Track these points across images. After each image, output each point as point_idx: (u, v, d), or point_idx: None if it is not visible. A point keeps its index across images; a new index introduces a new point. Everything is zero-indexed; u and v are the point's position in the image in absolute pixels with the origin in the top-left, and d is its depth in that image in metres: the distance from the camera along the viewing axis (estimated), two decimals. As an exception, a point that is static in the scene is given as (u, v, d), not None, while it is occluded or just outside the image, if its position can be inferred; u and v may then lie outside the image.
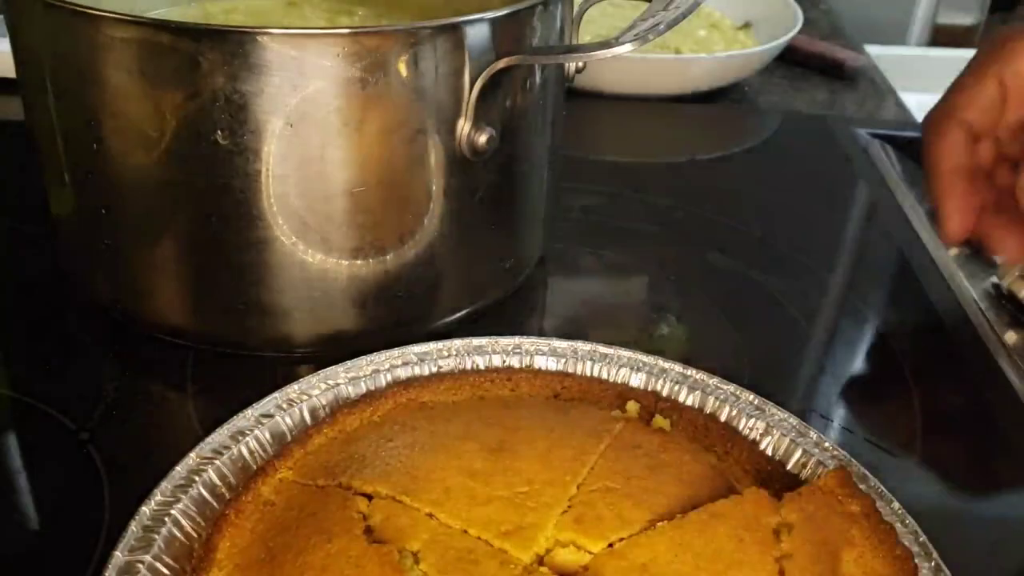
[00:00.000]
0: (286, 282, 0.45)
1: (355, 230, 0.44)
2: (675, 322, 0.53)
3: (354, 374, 0.42)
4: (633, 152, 0.75)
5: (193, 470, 0.36)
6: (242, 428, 0.38)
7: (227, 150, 0.41)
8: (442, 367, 0.42)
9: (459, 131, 0.44)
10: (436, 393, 0.41)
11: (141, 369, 0.48)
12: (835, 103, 0.86)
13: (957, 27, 1.59)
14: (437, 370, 0.42)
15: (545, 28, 0.47)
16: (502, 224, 0.50)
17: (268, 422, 0.39)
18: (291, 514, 0.34)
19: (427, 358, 0.43)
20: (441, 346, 0.43)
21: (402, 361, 0.42)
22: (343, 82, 0.41)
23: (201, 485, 0.35)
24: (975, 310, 0.55)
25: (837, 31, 1.05)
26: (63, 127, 0.45)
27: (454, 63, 0.43)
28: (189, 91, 0.40)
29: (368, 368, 0.42)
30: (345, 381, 0.41)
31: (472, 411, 0.39)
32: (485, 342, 0.43)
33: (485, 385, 0.41)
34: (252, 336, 0.47)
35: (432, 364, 0.42)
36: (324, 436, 0.38)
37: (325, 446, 0.37)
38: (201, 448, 0.37)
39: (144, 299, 0.48)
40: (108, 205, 0.45)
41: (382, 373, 0.42)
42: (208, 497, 0.35)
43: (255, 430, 0.38)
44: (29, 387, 0.46)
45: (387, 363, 0.42)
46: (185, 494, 0.35)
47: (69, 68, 0.43)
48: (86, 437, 0.43)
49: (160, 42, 0.40)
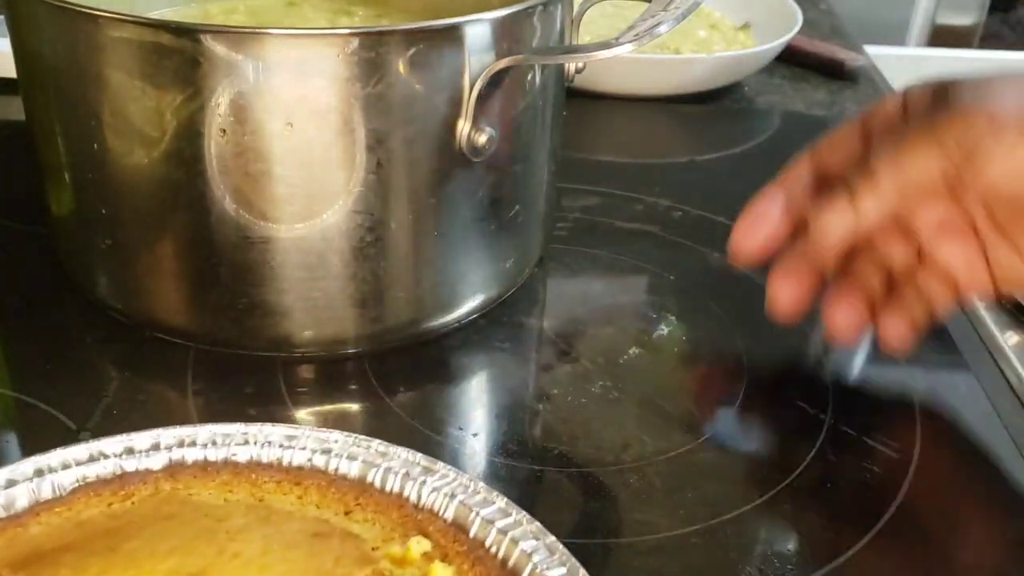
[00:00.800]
0: (286, 282, 0.45)
1: (355, 230, 0.44)
2: (675, 322, 0.53)
3: (128, 447, 0.36)
4: (633, 152, 0.75)
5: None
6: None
7: (228, 150, 0.41)
8: (235, 456, 0.36)
9: (459, 131, 0.44)
10: (207, 487, 0.35)
11: (141, 368, 0.48)
12: (835, 103, 0.86)
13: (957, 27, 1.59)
14: (225, 459, 0.36)
15: (545, 28, 0.47)
16: (502, 224, 0.50)
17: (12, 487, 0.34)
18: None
19: (228, 442, 0.36)
20: (246, 430, 0.37)
21: (194, 440, 0.36)
22: (343, 82, 0.41)
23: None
24: (975, 310, 0.55)
25: (837, 31, 1.05)
26: (63, 127, 0.45)
27: (454, 63, 0.43)
28: (189, 91, 0.40)
29: (147, 443, 0.36)
30: (118, 453, 0.35)
31: (223, 519, 0.34)
32: (298, 432, 0.37)
33: (268, 486, 0.35)
34: (253, 336, 0.47)
35: (226, 450, 0.36)
36: (55, 516, 0.33)
37: (50, 528, 0.33)
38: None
39: (144, 298, 0.48)
40: (108, 205, 0.45)
41: (161, 451, 0.36)
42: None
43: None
44: (29, 386, 0.46)
45: (173, 439, 0.36)
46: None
47: (69, 68, 0.43)
48: (87, 437, 0.43)
49: (160, 42, 0.40)
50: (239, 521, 0.34)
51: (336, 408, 0.47)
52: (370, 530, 0.34)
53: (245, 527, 0.33)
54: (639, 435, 0.46)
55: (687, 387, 0.50)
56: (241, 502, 0.35)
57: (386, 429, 0.46)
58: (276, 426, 0.37)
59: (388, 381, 0.48)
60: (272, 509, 0.35)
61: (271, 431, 0.37)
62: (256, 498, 0.35)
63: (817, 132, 0.45)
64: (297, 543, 0.33)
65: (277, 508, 0.35)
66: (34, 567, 0.32)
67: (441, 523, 0.34)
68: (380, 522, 0.34)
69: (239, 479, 0.36)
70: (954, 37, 1.56)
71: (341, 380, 0.49)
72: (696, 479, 0.43)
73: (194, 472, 0.36)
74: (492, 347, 0.51)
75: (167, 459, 0.36)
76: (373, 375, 0.48)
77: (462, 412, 0.48)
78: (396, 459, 0.36)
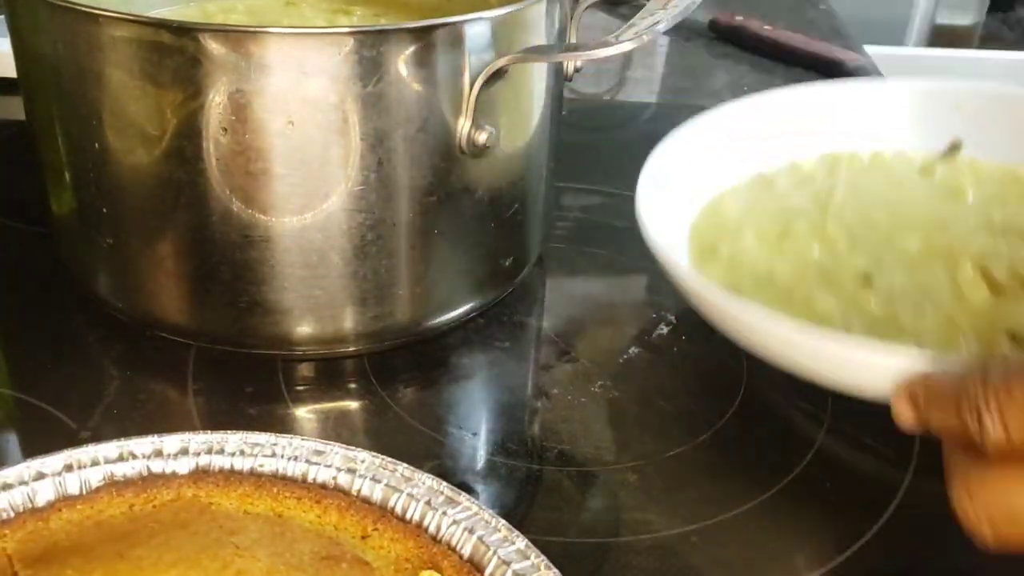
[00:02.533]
0: (287, 280, 0.45)
1: (355, 228, 0.44)
2: (674, 322, 0.53)
3: (157, 448, 0.36)
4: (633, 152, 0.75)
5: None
6: (8, 480, 0.34)
7: (228, 149, 0.41)
8: (262, 467, 0.36)
9: (459, 130, 0.44)
10: (228, 497, 0.35)
11: (142, 367, 0.48)
12: (834, 103, 0.86)
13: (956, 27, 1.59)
14: (251, 469, 0.36)
15: (544, 27, 0.47)
16: (501, 223, 0.50)
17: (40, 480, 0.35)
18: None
19: (255, 452, 0.36)
20: (275, 441, 0.37)
21: (223, 448, 0.37)
22: (343, 81, 0.41)
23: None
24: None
25: (836, 31, 1.05)
26: (64, 126, 0.45)
27: (454, 62, 0.43)
28: (190, 90, 0.40)
29: (176, 446, 0.36)
30: (147, 454, 0.36)
31: (235, 531, 0.34)
32: (326, 448, 0.37)
33: (288, 502, 0.35)
34: (253, 334, 0.47)
35: (252, 460, 0.36)
36: (77, 512, 0.34)
37: (70, 525, 0.33)
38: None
39: (145, 297, 0.48)
40: (109, 204, 0.45)
41: (189, 456, 0.36)
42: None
43: (16, 487, 0.34)
44: (29, 386, 0.46)
45: (202, 445, 0.36)
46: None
47: (69, 67, 0.43)
48: (87, 436, 0.43)
49: (161, 41, 0.40)
50: (252, 536, 0.34)
51: (336, 407, 0.47)
52: (383, 558, 0.34)
53: (256, 543, 0.33)
54: (639, 435, 0.46)
55: (687, 387, 0.50)
56: (259, 515, 0.35)
57: (386, 428, 0.46)
58: (305, 440, 0.37)
59: (388, 380, 0.48)
60: (288, 525, 0.34)
61: (300, 444, 0.37)
62: (275, 513, 0.35)
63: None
64: (304, 565, 0.33)
65: (294, 525, 0.34)
66: (41, 565, 0.32)
67: (456, 559, 0.34)
68: (395, 551, 0.34)
69: (260, 492, 0.35)
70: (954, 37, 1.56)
71: (341, 379, 0.49)
72: (696, 478, 0.43)
73: (217, 480, 0.36)
74: (492, 346, 0.51)
75: (194, 464, 0.36)
76: (373, 374, 0.49)
77: (462, 411, 0.48)
78: (420, 486, 0.35)
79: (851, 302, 0.46)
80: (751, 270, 0.49)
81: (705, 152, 0.55)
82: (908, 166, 0.58)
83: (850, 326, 0.45)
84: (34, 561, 0.32)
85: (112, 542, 0.33)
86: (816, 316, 0.45)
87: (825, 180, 0.57)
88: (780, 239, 0.51)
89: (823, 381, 0.41)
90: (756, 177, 0.57)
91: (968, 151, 0.57)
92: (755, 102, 0.58)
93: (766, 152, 0.57)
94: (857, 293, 0.47)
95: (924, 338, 0.44)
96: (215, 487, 0.35)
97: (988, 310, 0.46)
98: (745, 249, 0.51)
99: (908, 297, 0.46)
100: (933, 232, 0.51)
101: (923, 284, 0.47)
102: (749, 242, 0.51)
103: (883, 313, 0.46)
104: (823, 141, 0.59)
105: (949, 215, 0.53)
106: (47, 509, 0.34)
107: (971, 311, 0.45)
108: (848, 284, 0.48)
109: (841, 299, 0.46)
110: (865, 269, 0.48)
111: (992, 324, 0.44)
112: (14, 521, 0.33)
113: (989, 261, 0.48)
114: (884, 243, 0.50)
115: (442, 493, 0.35)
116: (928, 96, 0.59)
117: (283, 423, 0.46)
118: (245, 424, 0.44)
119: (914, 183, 0.57)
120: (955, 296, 0.46)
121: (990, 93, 0.58)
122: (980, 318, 0.45)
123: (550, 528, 0.35)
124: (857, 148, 0.59)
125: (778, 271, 0.49)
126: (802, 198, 0.55)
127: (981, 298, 0.46)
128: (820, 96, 0.59)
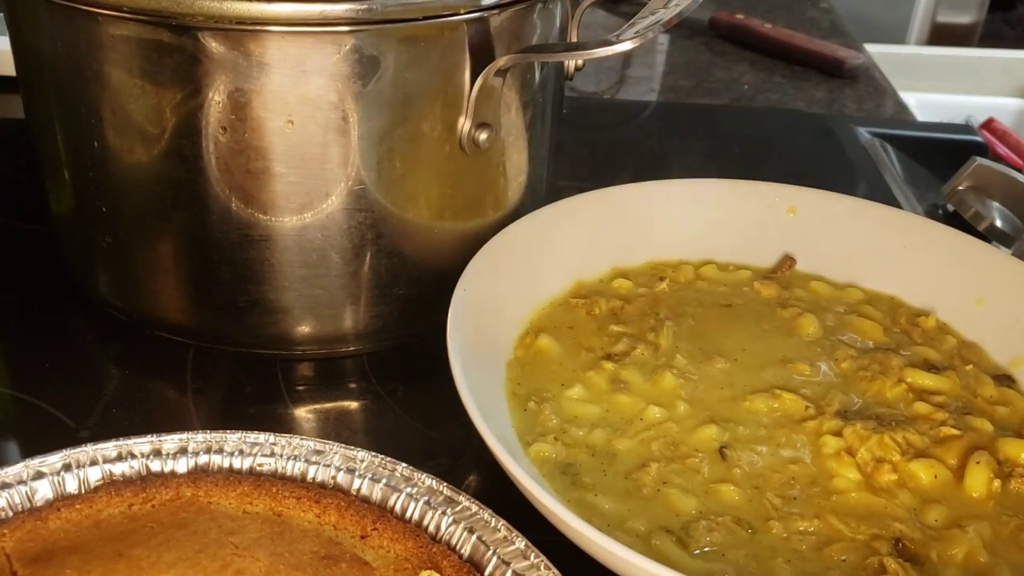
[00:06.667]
0: (287, 279, 0.45)
1: (355, 227, 0.44)
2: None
3: (156, 448, 0.36)
4: (633, 152, 0.75)
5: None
6: (7, 479, 0.34)
7: (228, 147, 0.41)
8: (261, 466, 0.36)
9: (459, 128, 0.44)
10: (227, 496, 0.35)
11: (141, 366, 0.48)
12: (835, 102, 0.86)
13: (957, 26, 1.59)
14: (250, 468, 0.36)
15: (545, 26, 0.47)
16: (501, 221, 0.50)
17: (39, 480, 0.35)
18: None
19: (254, 452, 0.37)
20: (274, 440, 0.37)
21: (222, 447, 0.37)
22: (344, 79, 0.41)
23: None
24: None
25: (837, 30, 1.05)
26: (63, 125, 0.45)
27: (455, 61, 0.43)
28: (189, 89, 0.40)
29: (175, 446, 0.36)
30: (146, 453, 0.36)
31: (234, 531, 0.34)
32: (325, 448, 0.37)
33: (288, 501, 0.35)
34: (252, 333, 0.47)
35: (252, 459, 0.36)
36: (76, 512, 0.34)
37: (69, 525, 0.33)
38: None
39: (144, 297, 0.48)
40: (108, 203, 0.45)
41: (188, 455, 0.36)
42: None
43: (15, 486, 0.34)
44: (29, 385, 0.46)
45: (201, 444, 0.36)
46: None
47: (69, 66, 0.43)
48: (86, 435, 0.43)
49: (160, 39, 0.40)
50: (251, 535, 0.33)
51: (335, 406, 0.47)
52: (382, 558, 0.34)
53: (255, 543, 0.33)
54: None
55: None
56: (259, 515, 0.35)
57: (385, 428, 0.46)
58: (304, 439, 0.37)
59: (387, 379, 0.48)
60: (288, 525, 0.34)
61: (299, 444, 0.37)
62: (274, 512, 0.35)
63: (817, 131, 0.45)
64: (303, 565, 0.33)
65: (293, 525, 0.34)
66: (40, 564, 0.32)
67: (455, 559, 0.34)
68: (394, 550, 0.34)
69: (260, 491, 0.35)
70: (954, 35, 1.56)
71: (340, 378, 0.49)
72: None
73: (216, 480, 0.36)
74: (492, 345, 0.51)
75: (193, 463, 0.36)
76: (372, 373, 0.48)
77: (461, 410, 0.48)
78: (420, 486, 0.36)
79: (707, 494, 0.39)
80: (587, 445, 0.42)
81: (519, 264, 0.48)
82: (737, 280, 0.53)
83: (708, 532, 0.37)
84: (33, 560, 0.32)
85: (111, 541, 0.33)
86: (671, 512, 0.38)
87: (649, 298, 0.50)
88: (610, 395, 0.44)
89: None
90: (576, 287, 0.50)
91: (800, 265, 0.54)
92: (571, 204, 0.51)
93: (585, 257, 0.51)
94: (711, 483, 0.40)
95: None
96: (214, 486, 0.35)
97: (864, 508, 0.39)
98: (575, 417, 0.43)
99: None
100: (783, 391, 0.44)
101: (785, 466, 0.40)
102: (574, 401, 0.44)
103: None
104: (647, 245, 0.53)
105: (794, 356, 0.47)
106: (46, 508, 0.34)
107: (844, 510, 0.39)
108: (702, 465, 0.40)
109: (696, 492, 0.39)
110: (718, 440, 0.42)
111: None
112: (13, 520, 0.33)
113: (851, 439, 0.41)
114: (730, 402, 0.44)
115: (442, 493, 0.35)
116: (760, 198, 0.55)
117: (282, 422, 0.46)
118: (244, 424, 0.44)
119: (748, 306, 0.50)
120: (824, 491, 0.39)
121: (820, 199, 0.55)
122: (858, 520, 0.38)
123: (550, 528, 0.35)
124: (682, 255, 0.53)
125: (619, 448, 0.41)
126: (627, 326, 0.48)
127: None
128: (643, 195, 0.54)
